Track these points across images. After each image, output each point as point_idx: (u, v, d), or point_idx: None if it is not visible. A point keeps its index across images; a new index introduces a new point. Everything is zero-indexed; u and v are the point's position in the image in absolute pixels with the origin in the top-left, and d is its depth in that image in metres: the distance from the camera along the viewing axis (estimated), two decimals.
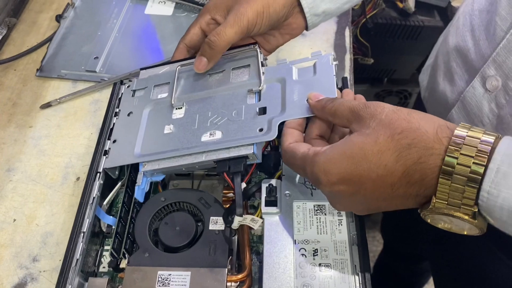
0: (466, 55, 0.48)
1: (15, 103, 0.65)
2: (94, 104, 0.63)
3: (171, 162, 0.47)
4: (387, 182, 0.34)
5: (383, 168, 0.34)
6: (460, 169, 0.31)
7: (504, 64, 0.42)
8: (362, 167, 0.34)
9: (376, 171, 0.34)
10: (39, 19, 0.74)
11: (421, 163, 0.33)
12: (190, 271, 0.43)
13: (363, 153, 0.34)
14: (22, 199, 0.55)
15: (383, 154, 0.34)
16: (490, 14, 0.44)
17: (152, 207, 0.48)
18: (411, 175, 0.33)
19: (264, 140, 0.45)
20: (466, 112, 0.47)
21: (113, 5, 0.75)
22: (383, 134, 0.34)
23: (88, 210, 0.47)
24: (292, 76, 0.49)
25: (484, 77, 0.44)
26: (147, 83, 0.55)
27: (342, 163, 0.35)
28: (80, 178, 0.56)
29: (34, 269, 0.50)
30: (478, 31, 0.46)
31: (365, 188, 0.35)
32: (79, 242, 0.45)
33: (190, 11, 0.73)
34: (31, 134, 0.61)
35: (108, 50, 0.69)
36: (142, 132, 0.51)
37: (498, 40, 0.43)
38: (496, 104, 0.44)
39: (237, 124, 0.47)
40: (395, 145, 0.33)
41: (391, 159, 0.34)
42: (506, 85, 0.42)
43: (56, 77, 0.66)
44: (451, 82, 0.50)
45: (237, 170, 0.45)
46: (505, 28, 0.42)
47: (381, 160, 0.34)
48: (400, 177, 0.34)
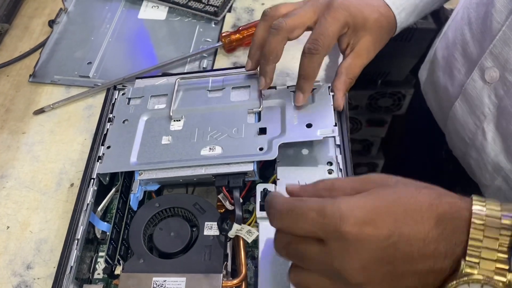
0: (465, 48, 0.49)
1: (8, 109, 0.64)
2: (87, 109, 0.63)
3: (169, 172, 0.48)
4: (420, 234, 0.30)
5: (418, 211, 0.30)
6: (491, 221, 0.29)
7: (500, 56, 0.43)
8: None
9: (411, 215, 0.30)
10: (31, 24, 0.74)
11: (452, 213, 0.30)
12: (185, 277, 0.43)
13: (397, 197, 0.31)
14: (15, 206, 0.55)
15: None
16: (486, 6, 0.45)
17: (147, 213, 0.48)
18: (443, 225, 0.29)
19: (265, 159, 0.47)
20: (469, 104, 0.48)
21: (106, 10, 0.75)
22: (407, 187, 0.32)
23: (82, 217, 0.47)
24: (292, 101, 0.51)
25: (482, 69, 0.45)
26: (143, 92, 0.56)
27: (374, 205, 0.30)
28: (74, 184, 0.56)
29: (28, 277, 0.50)
30: (476, 24, 0.47)
31: (401, 234, 0.30)
32: (73, 249, 0.45)
33: (184, 16, 0.73)
34: (24, 140, 0.61)
35: (102, 55, 0.69)
36: (139, 141, 0.51)
37: (495, 32, 0.43)
38: (495, 95, 0.44)
39: (238, 142, 0.49)
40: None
41: (423, 209, 0.30)
42: (503, 77, 0.43)
43: (49, 83, 0.66)
44: (451, 76, 0.51)
45: (237, 185, 0.47)
46: (501, 20, 0.43)
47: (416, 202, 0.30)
48: (433, 227, 0.29)
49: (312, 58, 0.48)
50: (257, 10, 0.73)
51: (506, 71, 0.43)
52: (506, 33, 0.42)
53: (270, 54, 0.50)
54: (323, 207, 0.31)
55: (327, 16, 0.48)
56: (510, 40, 0.41)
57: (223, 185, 0.47)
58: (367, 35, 0.51)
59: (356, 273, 0.30)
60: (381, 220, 0.30)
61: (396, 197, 0.31)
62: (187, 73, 0.56)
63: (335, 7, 0.48)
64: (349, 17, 0.49)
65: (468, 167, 0.53)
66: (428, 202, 0.30)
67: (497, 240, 0.28)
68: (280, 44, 0.49)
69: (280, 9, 0.50)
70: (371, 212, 0.30)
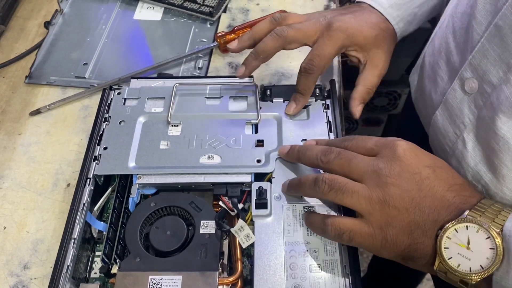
0: (448, 56, 0.49)
1: (4, 110, 0.64)
2: (83, 110, 0.63)
3: (168, 178, 0.49)
4: (449, 180, 0.40)
5: (451, 171, 0.41)
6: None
7: (479, 67, 0.43)
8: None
9: (447, 169, 0.41)
10: (27, 25, 0.74)
11: (474, 189, 0.41)
12: (181, 275, 0.43)
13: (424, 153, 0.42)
14: (12, 206, 0.55)
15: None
16: (469, 17, 0.45)
17: (143, 212, 0.48)
18: (466, 188, 0.40)
19: (262, 171, 0.49)
20: (449, 113, 0.48)
21: (101, 11, 0.75)
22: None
23: (79, 216, 0.47)
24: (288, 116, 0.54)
25: (462, 79, 0.46)
26: (139, 93, 0.56)
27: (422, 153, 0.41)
28: (71, 185, 0.56)
29: (25, 277, 0.50)
30: (459, 34, 0.47)
31: (435, 170, 0.40)
32: (69, 249, 0.45)
33: (179, 16, 0.73)
34: (21, 141, 0.61)
35: (97, 56, 0.69)
36: (136, 143, 0.52)
37: (474, 44, 0.44)
38: (475, 106, 0.45)
39: (236, 152, 0.51)
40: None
41: (455, 172, 0.42)
42: (482, 88, 0.43)
43: (45, 84, 0.66)
44: (435, 83, 0.52)
45: (235, 195, 0.48)
46: (480, 32, 0.43)
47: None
48: (458, 184, 0.40)
49: (308, 77, 0.51)
50: (252, 10, 0.73)
51: (484, 83, 0.43)
52: (485, 45, 0.42)
53: (262, 53, 0.51)
54: (384, 138, 0.43)
55: (325, 38, 0.50)
56: (488, 52, 0.42)
57: (222, 194, 0.48)
58: (375, 48, 0.53)
59: (393, 175, 0.40)
60: (424, 155, 0.42)
61: (439, 158, 0.42)
62: (184, 77, 0.57)
63: (334, 29, 0.50)
64: (346, 40, 0.51)
65: None
66: (458, 174, 0.42)
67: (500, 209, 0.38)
68: (275, 49, 0.51)
69: (288, 19, 0.53)
70: (419, 149, 0.42)
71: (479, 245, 0.36)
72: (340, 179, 0.41)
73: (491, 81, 0.42)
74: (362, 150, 0.43)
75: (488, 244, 0.36)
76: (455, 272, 0.37)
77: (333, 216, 0.42)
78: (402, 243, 0.39)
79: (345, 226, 0.40)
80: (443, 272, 0.38)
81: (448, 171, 0.41)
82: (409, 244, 0.39)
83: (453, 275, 0.37)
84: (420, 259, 0.39)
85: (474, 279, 0.36)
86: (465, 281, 0.37)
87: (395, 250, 0.40)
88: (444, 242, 0.37)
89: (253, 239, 0.44)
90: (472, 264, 0.36)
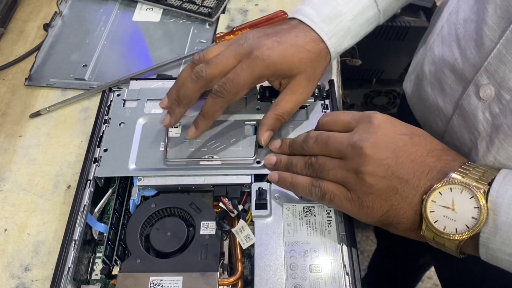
0: (453, 64, 0.48)
1: (4, 113, 0.64)
2: (83, 112, 0.64)
3: (168, 180, 0.49)
4: (428, 145, 0.41)
5: (430, 137, 0.42)
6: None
7: (496, 74, 0.43)
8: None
9: (426, 135, 0.42)
10: (26, 28, 0.74)
11: (454, 153, 0.42)
12: (182, 276, 0.43)
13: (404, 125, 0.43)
14: (13, 208, 0.55)
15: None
16: (476, 23, 0.45)
17: (143, 213, 0.48)
18: (447, 153, 0.41)
19: (262, 172, 0.49)
20: (464, 119, 0.48)
21: (100, 13, 0.75)
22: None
23: (79, 218, 0.47)
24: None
25: (477, 86, 0.45)
26: (139, 95, 0.56)
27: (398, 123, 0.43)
28: (71, 186, 0.56)
29: (26, 279, 0.50)
30: (464, 41, 0.47)
31: (412, 137, 0.41)
32: (70, 250, 0.45)
33: (178, 17, 0.74)
34: (21, 143, 0.61)
35: (97, 57, 0.69)
36: (136, 145, 0.52)
37: (488, 50, 0.43)
38: (490, 113, 0.44)
39: (236, 153, 0.51)
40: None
41: (435, 140, 0.42)
42: (499, 94, 0.43)
43: (45, 86, 0.66)
44: (443, 92, 0.51)
45: (235, 196, 0.48)
46: (494, 38, 0.42)
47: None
48: (438, 149, 0.41)
49: (216, 100, 0.48)
50: (250, 11, 0.73)
51: (501, 89, 0.42)
52: (501, 51, 0.41)
53: (184, 98, 0.49)
54: (361, 112, 0.44)
55: (244, 64, 0.47)
56: (506, 58, 0.41)
57: (222, 195, 0.49)
58: (298, 74, 0.50)
59: (368, 145, 0.41)
60: (401, 125, 0.43)
61: (418, 128, 0.43)
62: None
63: (254, 57, 0.47)
64: (265, 70, 0.48)
65: None
66: (439, 141, 0.42)
67: (482, 171, 0.39)
68: (197, 92, 0.49)
69: (207, 54, 0.50)
70: (396, 120, 0.43)
71: (463, 205, 0.37)
72: (320, 160, 0.44)
73: (510, 88, 0.41)
74: (340, 126, 0.45)
75: (473, 203, 0.37)
76: (442, 234, 0.37)
77: (320, 179, 0.44)
78: (380, 209, 0.40)
79: (328, 188, 0.43)
80: (430, 236, 0.39)
81: (427, 137, 0.42)
82: (388, 209, 0.40)
83: (440, 237, 0.38)
84: (400, 225, 0.41)
85: (460, 239, 0.37)
86: (452, 241, 0.38)
87: (373, 215, 0.41)
88: (430, 205, 0.38)
89: (253, 240, 0.44)
90: (458, 225, 0.37)
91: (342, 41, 0.52)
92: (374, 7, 0.52)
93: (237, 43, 0.49)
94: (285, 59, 0.48)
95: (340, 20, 0.51)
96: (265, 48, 0.47)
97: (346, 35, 0.52)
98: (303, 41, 0.49)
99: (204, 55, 0.50)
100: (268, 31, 0.50)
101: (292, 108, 0.51)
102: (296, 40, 0.49)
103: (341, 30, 0.51)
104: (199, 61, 0.50)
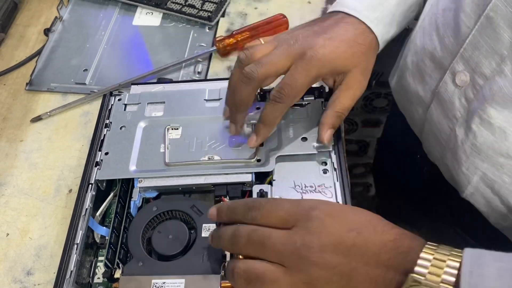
0: (433, 53, 0.49)
1: (5, 118, 0.65)
2: (84, 116, 0.64)
3: (168, 180, 0.49)
4: (377, 241, 0.34)
5: (381, 225, 0.35)
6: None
7: (471, 59, 0.43)
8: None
9: (375, 225, 0.35)
10: (27, 33, 0.75)
11: (412, 238, 0.34)
12: (184, 279, 0.43)
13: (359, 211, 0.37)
14: (14, 213, 0.55)
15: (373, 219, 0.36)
16: (454, 11, 0.46)
17: (145, 216, 0.48)
18: (401, 243, 0.34)
19: (262, 170, 0.49)
20: (442, 107, 0.49)
21: (100, 17, 0.75)
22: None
23: (81, 222, 0.47)
24: (288, 114, 0.52)
25: (453, 73, 0.46)
26: (139, 99, 0.57)
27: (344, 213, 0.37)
28: (73, 190, 0.57)
29: (28, 283, 0.50)
30: (443, 29, 0.48)
31: (360, 233, 0.35)
32: (73, 254, 0.45)
33: (178, 21, 0.74)
34: (22, 148, 0.61)
35: (97, 62, 0.69)
36: (137, 148, 0.52)
37: (464, 37, 0.44)
38: (465, 99, 0.45)
39: (236, 152, 0.50)
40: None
41: (390, 224, 0.36)
42: (473, 80, 0.44)
43: (46, 91, 0.67)
44: (423, 81, 0.52)
45: (235, 196, 0.48)
46: (470, 25, 0.43)
47: (374, 220, 0.36)
48: (392, 241, 0.34)
49: (275, 106, 0.47)
50: (250, 14, 0.74)
51: (475, 74, 0.43)
52: (476, 37, 0.42)
53: (241, 104, 0.48)
54: (298, 200, 0.39)
55: (299, 67, 0.46)
56: (480, 44, 0.42)
57: (223, 195, 0.49)
58: (352, 69, 0.48)
59: (314, 252, 0.34)
60: (345, 217, 0.36)
61: (364, 212, 0.37)
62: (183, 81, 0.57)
63: (308, 58, 0.46)
64: (322, 69, 0.46)
65: (446, 170, 0.53)
66: (392, 225, 0.36)
67: (442, 269, 0.31)
68: (251, 94, 0.48)
69: (254, 54, 0.47)
70: (338, 210, 0.37)
71: None
72: (257, 268, 0.36)
73: (483, 73, 0.42)
74: (274, 220, 0.37)
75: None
76: None
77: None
78: None
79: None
80: None
81: (376, 226, 0.35)
82: None
83: None
84: None
85: None
86: None
87: None
88: None
89: None
90: None
91: (388, 28, 0.51)
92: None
93: (287, 43, 0.47)
94: (339, 55, 0.47)
95: (384, 7, 0.50)
96: (318, 47, 0.46)
97: (391, 22, 0.51)
98: (353, 34, 0.48)
99: (252, 54, 0.47)
100: (315, 28, 0.49)
101: (351, 104, 0.49)
102: (346, 34, 0.48)
103: (387, 17, 0.50)
104: (247, 61, 0.47)
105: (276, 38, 0.49)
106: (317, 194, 0.47)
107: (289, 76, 0.46)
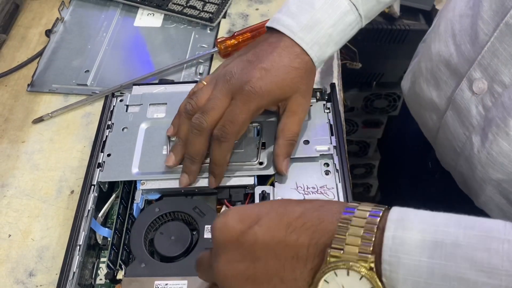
0: (448, 60, 0.49)
1: (7, 119, 0.65)
2: (86, 117, 0.64)
3: (171, 183, 0.50)
4: (283, 221, 0.32)
5: (283, 206, 0.33)
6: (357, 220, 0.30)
7: (489, 67, 0.43)
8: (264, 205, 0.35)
9: (276, 209, 0.33)
10: (28, 34, 0.75)
11: (321, 208, 0.32)
12: (186, 280, 0.43)
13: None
14: (16, 214, 0.55)
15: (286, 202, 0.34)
16: (471, 18, 0.45)
17: (147, 217, 0.48)
18: (308, 217, 0.32)
19: (264, 174, 0.49)
20: (458, 114, 0.48)
21: (102, 19, 0.76)
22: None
23: (84, 223, 0.47)
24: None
25: (470, 80, 0.45)
26: (141, 100, 0.57)
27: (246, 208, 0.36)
28: (75, 191, 0.57)
29: (30, 284, 0.50)
30: (459, 36, 0.47)
31: (261, 224, 0.33)
32: (75, 255, 0.45)
33: (179, 23, 0.74)
34: (24, 149, 0.61)
35: (99, 63, 0.69)
36: (139, 149, 0.52)
37: (482, 44, 0.44)
38: (483, 107, 0.45)
39: (238, 155, 0.50)
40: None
41: (293, 203, 0.34)
42: (491, 88, 0.43)
43: (47, 92, 0.67)
44: (437, 88, 0.51)
45: (238, 199, 0.49)
46: (488, 32, 0.43)
47: (283, 203, 0.34)
48: (297, 218, 0.32)
49: (221, 145, 0.47)
50: (251, 15, 0.74)
51: (494, 82, 0.43)
52: (495, 45, 0.42)
53: (197, 155, 0.48)
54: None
55: (238, 102, 0.46)
56: (499, 51, 0.42)
57: (225, 198, 0.49)
58: (293, 95, 0.48)
59: (221, 264, 0.34)
60: (243, 214, 0.34)
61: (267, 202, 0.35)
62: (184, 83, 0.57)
63: (246, 92, 0.46)
64: (261, 101, 0.47)
65: (459, 177, 0.53)
66: (297, 202, 0.34)
67: (362, 228, 0.29)
68: (205, 143, 0.48)
69: (198, 102, 0.48)
70: (234, 214, 0.34)
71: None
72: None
73: (502, 81, 0.42)
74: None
75: (366, 285, 0.29)
76: None
77: None
78: None
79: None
80: None
81: (278, 209, 0.34)
82: None
83: None
84: None
85: None
86: None
87: None
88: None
89: None
90: None
91: (324, 49, 0.49)
92: (355, 11, 0.50)
93: (223, 79, 0.47)
94: (277, 85, 0.47)
95: (321, 27, 0.49)
96: (255, 80, 0.46)
97: (328, 42, 0.49)
98: (289, 60, 0.48)
99: (196, 102, 0.48)
100: (249, 57, 0.48)
101: (299, 128, 0.49)
102: (282, 61, 0.47)
103: (323, 38, 0.49)
104: (193, 111, 0.48)
105: (214, 76, 0.50)
106: (319, 195, 0.47)
107: (230, 112, 0.46)
